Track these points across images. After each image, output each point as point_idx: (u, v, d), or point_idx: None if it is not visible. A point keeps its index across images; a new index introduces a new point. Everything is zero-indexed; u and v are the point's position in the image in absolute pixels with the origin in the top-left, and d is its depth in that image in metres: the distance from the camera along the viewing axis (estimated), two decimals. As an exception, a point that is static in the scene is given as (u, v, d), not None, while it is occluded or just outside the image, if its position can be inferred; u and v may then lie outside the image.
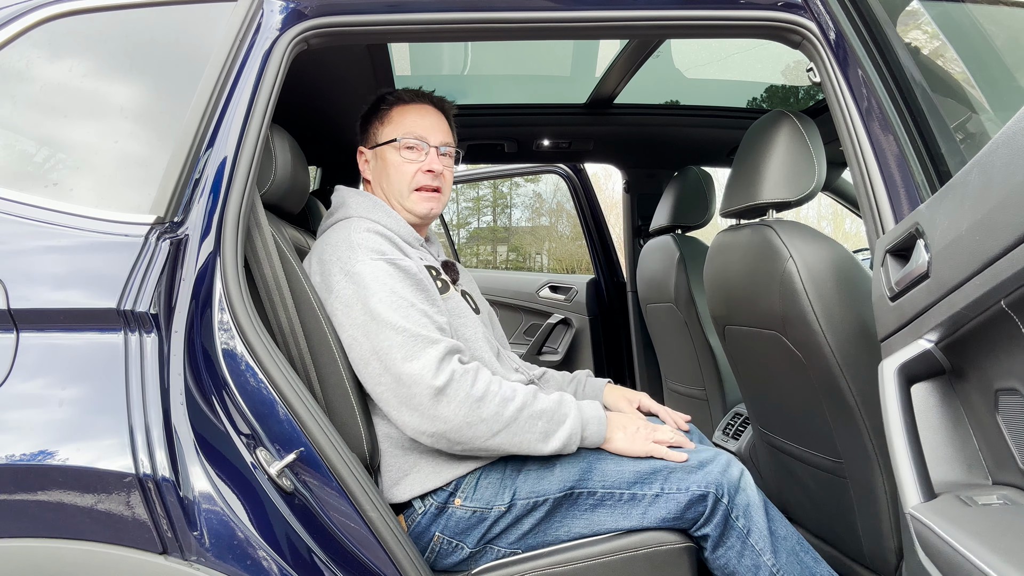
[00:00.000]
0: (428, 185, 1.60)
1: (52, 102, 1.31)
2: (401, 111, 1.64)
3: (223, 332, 1.22)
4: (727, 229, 1.87)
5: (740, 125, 2.52)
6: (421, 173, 1.59)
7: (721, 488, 1.39)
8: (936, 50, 1.46)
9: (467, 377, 1.34)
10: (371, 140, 1.67)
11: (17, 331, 1.16)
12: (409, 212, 1.61)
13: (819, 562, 1.46)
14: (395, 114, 1.64)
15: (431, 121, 1.64)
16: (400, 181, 1.60)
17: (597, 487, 1.41)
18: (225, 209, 1.26)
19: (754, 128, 1.72)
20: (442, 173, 1.62)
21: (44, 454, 1.10)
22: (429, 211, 1.62)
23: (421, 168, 1.59)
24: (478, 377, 1.36)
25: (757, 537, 1.39)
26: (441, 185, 1.63)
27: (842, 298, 1.49)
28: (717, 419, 2.63)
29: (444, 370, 1.32)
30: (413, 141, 1.60)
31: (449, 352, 1.36)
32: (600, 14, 1.41)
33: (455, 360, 1.36)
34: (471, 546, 1.41)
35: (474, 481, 1.41)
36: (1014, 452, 0.95)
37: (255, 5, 1.35)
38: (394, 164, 1.61)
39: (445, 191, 1.65)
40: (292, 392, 1.22)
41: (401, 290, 1.40)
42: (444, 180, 1.64)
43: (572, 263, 12.98)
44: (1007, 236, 0.82)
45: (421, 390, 1.31)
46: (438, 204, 1.64)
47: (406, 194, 1.61)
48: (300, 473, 1.22)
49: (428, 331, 1.36)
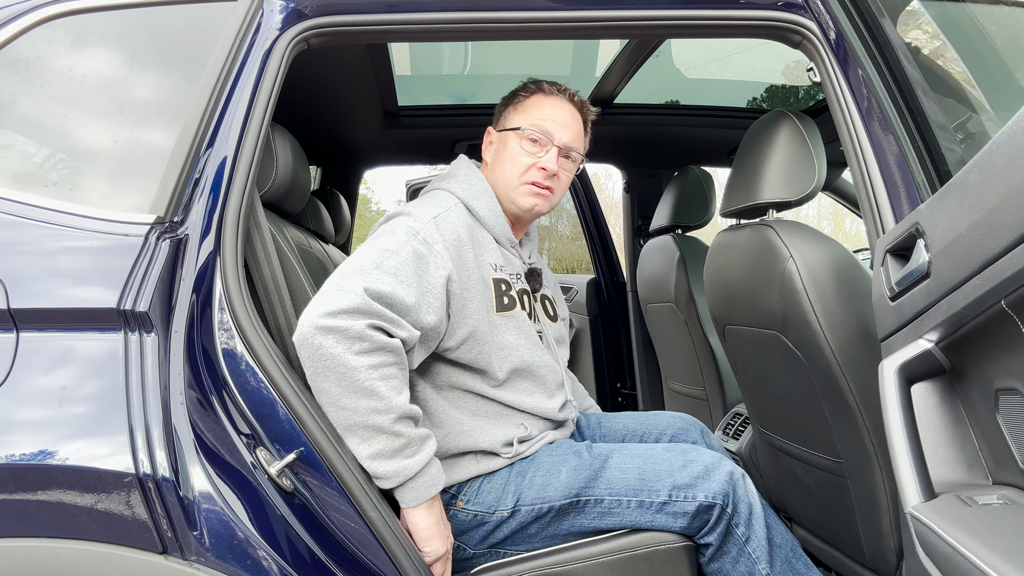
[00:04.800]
0: (540, 182, 1.53)
1: (52, 102, 1.31)
2: (537, 101, 1.58)
3: (223, 332, 1.22)
4: (727, 229, 1.87)
5: (740, 125, 2.52)
6: (536, 169, 1.52)
7: (727, 498, 1.39)
8: (936, 50, 1.46)
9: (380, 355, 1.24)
10: (501, 123, 1.62)
11: (17, 331, 1.16)
12: (512, 203, 1.55)
13: (811, 569, 1.46)
14: (530, 103, 1.58)
15: (563, 118, 1.56)
16: (513, 170, 1.53)
17: (604, 495, 1.40)
18: (225, 209, 1.26)
19: (754, 128, 1.72)
20: (556, 174, 1.54)
21: (44, 454, 1.10)
22: (533, 207, 1.54)
23: (537, 164, 1.52)
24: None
25: (755, 546, 1.39)
26: (553, 186, 1.55)
27: (842, 298, 1.49)
28: (717, 419, 2.63)
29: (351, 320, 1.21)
30: (538, 134, 1.53)
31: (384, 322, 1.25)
32: (600, 14, 1.41)
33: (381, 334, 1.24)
34: (473, 548, 1.41)
35: (476, 485, 1.41)
36: (1014, 452, 0.95)
37: (255, 5, 1.35)
38: (512, 152, 1.54)
39: (557, 192, 1.57)
40: (292, 392, 1.22)
41: (401, 260, 1.32)
42: (558, 182, 1.56)
43: (572, 263, 12.97)
44: (1007, 236, 0.82)
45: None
46: (545, 203, 1.55)
47: (515, 184, 1.53)
48: (300, 473, 1.22)
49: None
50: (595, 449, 1.47)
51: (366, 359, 1.22)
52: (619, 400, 3.40)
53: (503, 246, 1.55)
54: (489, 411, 1.45)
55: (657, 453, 1.45)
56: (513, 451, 1.44)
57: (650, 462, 1.43)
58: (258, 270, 1.36)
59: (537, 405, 1.50)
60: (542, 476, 1.41)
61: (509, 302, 1.49)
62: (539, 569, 1.38)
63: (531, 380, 1.50)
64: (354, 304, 1.22)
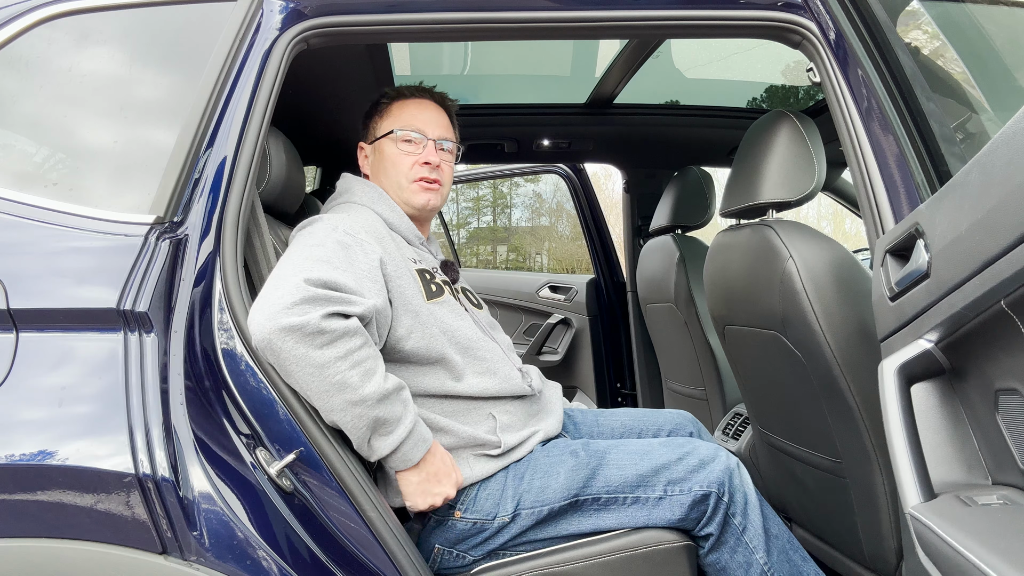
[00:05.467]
0: (426, 177, 1.58)
1: (52, 102, 1.31)
2: (400, 105, 1.64)
3: (223, 332, 1.22)
4: (727, 229, 1.87)
5: (740, 125, 2.51)
6: (418, 165, 1.58)
7: (723, 487, 1.39)
8: (936, 50, 1.46)
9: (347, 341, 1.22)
10: (371, 135, 1.67)
11: (17, 331, 1.16)
12: (407, 204, 1.59)
13: (807, 561, 1.46)
14: (394, 108, 1.64)
15: (430, 115, 1.63)
16: (398, 173, 1.59)
17: (601, 492, 1.40)
18: (225, 209, 1.26)
19: (754, 128, 1.72)
20: (440, 166, 1.60)
21: (44, 454, 1.10)
22: (427, 202, 1.59)
23: (418, 160, 1.58)
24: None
25: (752, 535, 1.40)
26: (440, 178, 1.61)
27: (842, 298, 1.49)
28: (717, 419, 2.63)
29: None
30: (411, 134, 1.59)
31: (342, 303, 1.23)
32: (600, 14, 1.41)
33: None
34: (474, 555, 1.41)
35: (473, 493, 1.41)
36: (1014, 452, 0.95)
37: (255, 5, 1.35)
38: (391, 157, 1.60)
39: (444, 185, 1.63)
40: (291, 392, 1.22)
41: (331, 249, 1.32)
42: (443, 174, 1.62)
43: (572, 263, 12.98)
44: (1007, 236, 0.82)
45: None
46: (437, 197, 1.61)
47: (404, 185, 1.58)
48: (300, 473, 1.22)
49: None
50: (592, 447, 1.47)
51: (331, 351, 1.19)
52: (619, 400, 3.40)
53: (413, 244, 1.58)
54: (457, 409, 1.46)
55: (654, 448, 1.46)
56: (501, 444, 1.44)
57: (647, 457, 1.43)
58: (258, 270, 1.36)
59: (500, 386, 1.50)
60: (540, 478, 1.41)
61: (437, 289, 1.51)
62: (539, 569, 1.38)
63: (483, 361, 1.51)
64: (299, 295, 1.18)
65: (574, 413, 1.76)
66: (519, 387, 1.54)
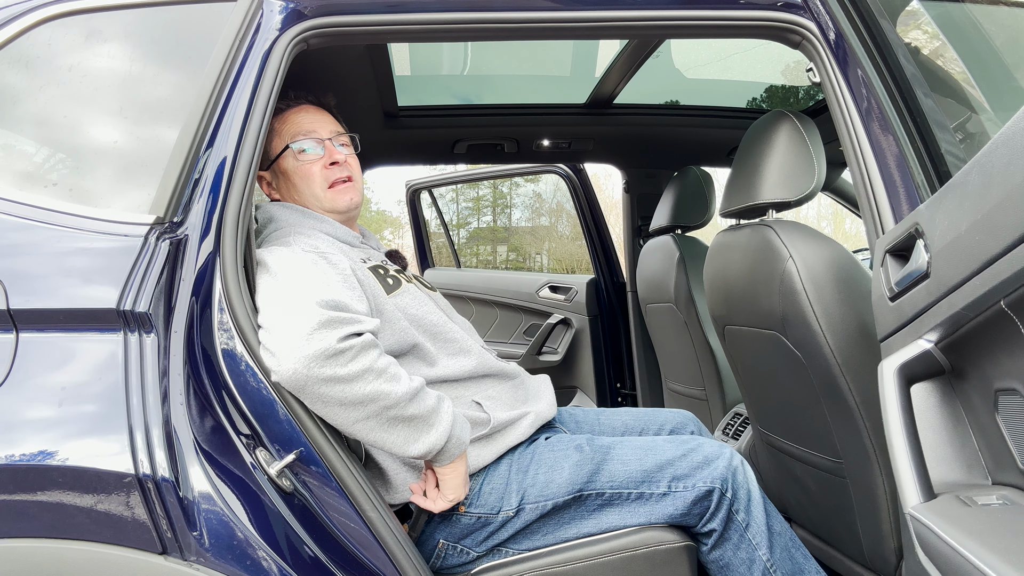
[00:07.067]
0: (339, 177, 1.56)
1: (52, 102, 1.31)
2: (280, 120, 1.59)
3: (223, 332, 1.22)
4: (727, 229, 1.87)
5: (740, 125, 2.52)
6: (326, 168, 1.55)
7: (726, 483, 1.40)
8: (936, 50, 1.46)
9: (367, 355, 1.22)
10: (265, 161, 1.60)
11: (17, 331, 1.16)
12: (332, 211, 1.56)
13: (808, 559, 1.47)
14: (276, 125, 1.59)
15: (313, 117, 1.60)
16: (310, 184, 1.55)
17: (605, 488, 1.41)
18: (225, 209, 1.26)
19: (754, 128, 1.72)
20: (347, 161, 1.57)
21: (44, 454, 1.10)
22: (350, 202, 1.56)
23: (324, 163, 1.55)
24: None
25: (755, 531, 1.40)
26: (351, 174, 1.58)
27: (842, 298, 1.49)
28: (717, 419, 2.63)
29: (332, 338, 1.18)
30: (303, 141, 1.55)
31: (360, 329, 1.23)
32: (600, 14, 1.41)
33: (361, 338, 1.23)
34: (477, 550, 1.41)
35: (477, 487, 1.41)
36: (1014, 452, 0.95)
37: (255, 5, 1.35)
38: (297, 171, 1.55)
39: (357, 178, 1.60)
40: (291, 392, 1.22)
41: (325, 272, 1.32)
42: (351, 168, 1.58)
43: (572, 263, 12.98)
44: (1007, 236, 0.82)
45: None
46: (356, 193, 1.58)
47: (321, 194, 1.55)
48: (300, 473, 1.22)
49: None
50: (596, 442, 1.47)
51: (356, 365, 1.18)
52: (619, 400, 3.40)
53: (356, 246, 1.57)
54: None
55: (658, 444, 1.46)
56: (491, 419, 1.42)
57: (651, 453, 1.43)
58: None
59: (476, 363, 1.50)
60: (544, 473, 1.41)
61: (394, 282, 1.51)
62: (539, 569, 1.38)
63: (454, 343, 1.51)
64: (318, 319, 1.17)
65: (576, 412, 1.76)
66: (495, 364, 1.54)
